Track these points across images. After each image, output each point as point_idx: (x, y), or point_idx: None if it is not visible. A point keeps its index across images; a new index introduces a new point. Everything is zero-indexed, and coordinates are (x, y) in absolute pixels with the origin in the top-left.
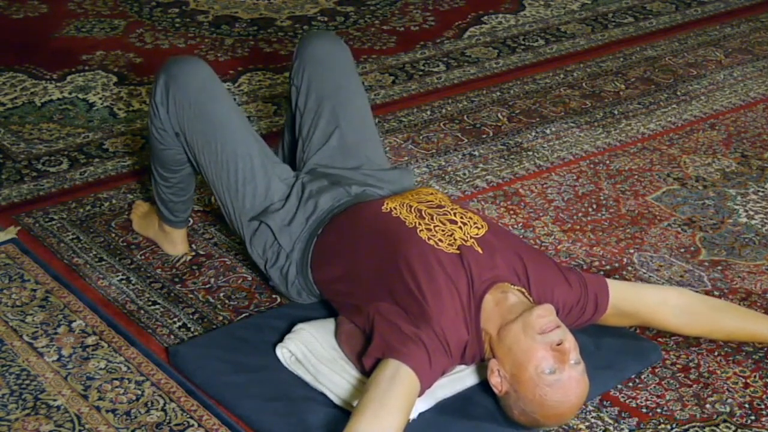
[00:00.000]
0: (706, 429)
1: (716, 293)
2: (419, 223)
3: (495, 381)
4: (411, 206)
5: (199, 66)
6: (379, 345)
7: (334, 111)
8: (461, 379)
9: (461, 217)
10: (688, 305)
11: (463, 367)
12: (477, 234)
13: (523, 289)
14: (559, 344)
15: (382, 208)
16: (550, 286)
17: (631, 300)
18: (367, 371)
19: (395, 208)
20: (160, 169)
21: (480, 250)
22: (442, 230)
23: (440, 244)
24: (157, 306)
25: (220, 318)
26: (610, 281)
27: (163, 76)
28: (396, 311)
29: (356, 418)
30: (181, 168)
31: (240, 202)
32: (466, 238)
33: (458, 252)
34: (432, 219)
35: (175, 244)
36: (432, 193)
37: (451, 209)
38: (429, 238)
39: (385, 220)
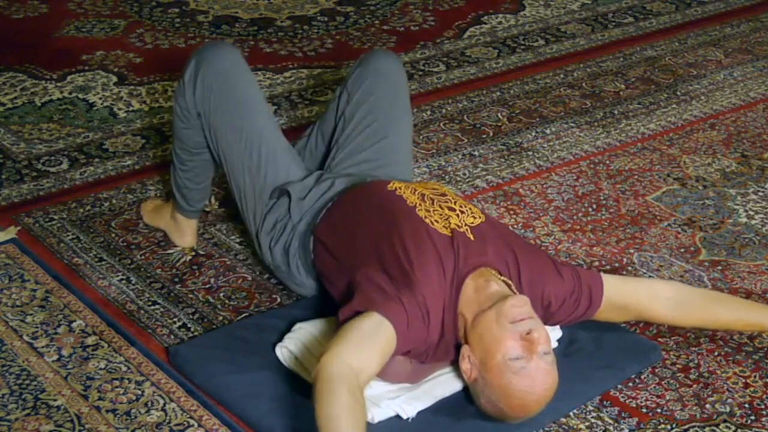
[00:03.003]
0: (706, 429)
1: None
2: (419, 204)
3: (465, 367)
4: (415, 189)
5: (231, 50)
6: (362, 300)
7: (378, 128)
8: (459, 377)
9: (460, 207)
10: (682, 298)
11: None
12: (472, 223)
13: (510, 282)
14: (528, 333)
15: (388, 186)
16: (542, 279)
17: (625, 294)
18: (341, 321)
19: (400, 188)
20: (179, 151)
21: (472, 237)
22: (440, 214)
23: (435, 224)
24: (157, 306)
25: (220, 318)
26: (604, 276)
27: (196, 57)
28: (382, 276)
29: (339, 345)
30: (200, 151)
31: (261, 179)
32: (460, 224)
33: (450, 234)
34: (432, 203)
35: (185, 234)
36: (439, 185)
37: (453, 199)
38: (425, 217)
39: (387, 196)
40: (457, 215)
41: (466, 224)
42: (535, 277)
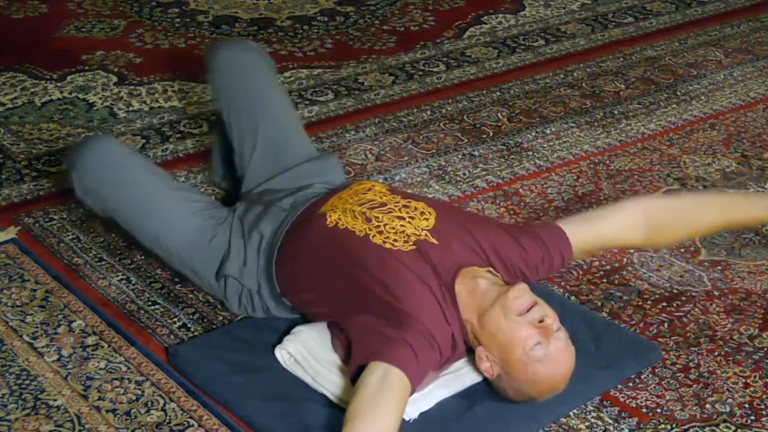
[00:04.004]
0: (706, 429)
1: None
2: (369, 229)
3: (485, 366)
4: (354, 211)
5: (100, 150)
6: (363, 351)
7: (254, 120)
8: (461, 378)
9: (407, 212)
10: (653, 220)
11: (461, 365)
12: (427, 225)
13: (491, 268)
14: (541, 321)
15: (327, 223)
16: (507, 255)
17: (592, 238)
18: (351, 379)
19: (340, 220)
20: None
21: (435, 241)
22: (393, 229)
23: (396, 244)
24: (157, 306)
25: (220, 318)
26: (566, 227)
27: (72, 172)
28: (373, 320)
29: (351, 423)
30: None
31: (200, 268)
32: (418, 232)
33: (415, 248)
34: (380, 220)
35: None
36: (370, 189)
37: (395, 204)
38: (384, 242)
39: (334, 236)
40: (409, 223)
41: (422, 229)
42: (502, 257)
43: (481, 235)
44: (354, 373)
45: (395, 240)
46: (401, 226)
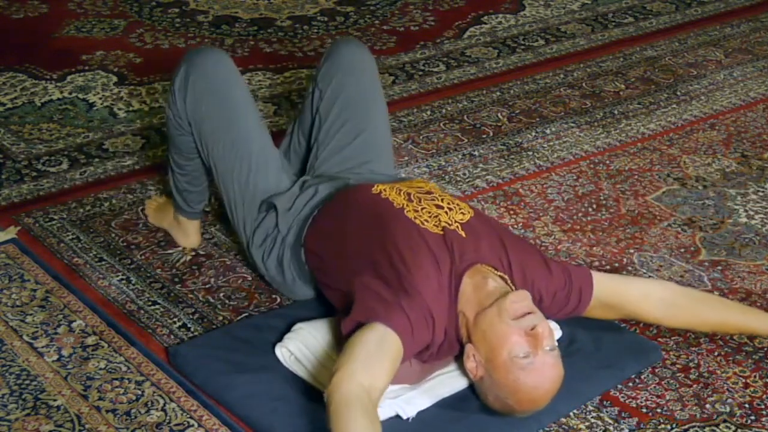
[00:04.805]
0: (706, 429)
1: (716, 293)
2: (407, 205)
3: (470, 366)
4: (400, 190)
5: (221, 56)
6: (363, 310)
7: (355, 123)
8: (460, 377)
9: (448, 204)
10: (672, 298)
11: (458, 365)
12: (462, 219)
13: (506, 276)
14: (532, 329)
15: (372, 190)
16: (532, 274)
17: (615, 293)
18: (344, 335)
19: (385, 191)
20: (176, 156)
21: (464, 234)
22: (429, 212)
23: (426, 224)
24: (157, 306)
25: (220, 318)
26: (594, 273)
27: (185, 64)
28: (379, 283)
29: (348, 364)
30: (196, 156)
31: (250, 191)
32: (450, 222)
33: (442, 233)
34: (420, 202)
35: (189, 234)
36: (423, 182)
37: (439, 196)
38: (415, 218)
39: (374, 200)
40: (446, 212)
41: (456, 221)
42: (526, 272)
43: (511, 248)
44: (351, 329)
45: (426, 221)
46: (437, 212)
